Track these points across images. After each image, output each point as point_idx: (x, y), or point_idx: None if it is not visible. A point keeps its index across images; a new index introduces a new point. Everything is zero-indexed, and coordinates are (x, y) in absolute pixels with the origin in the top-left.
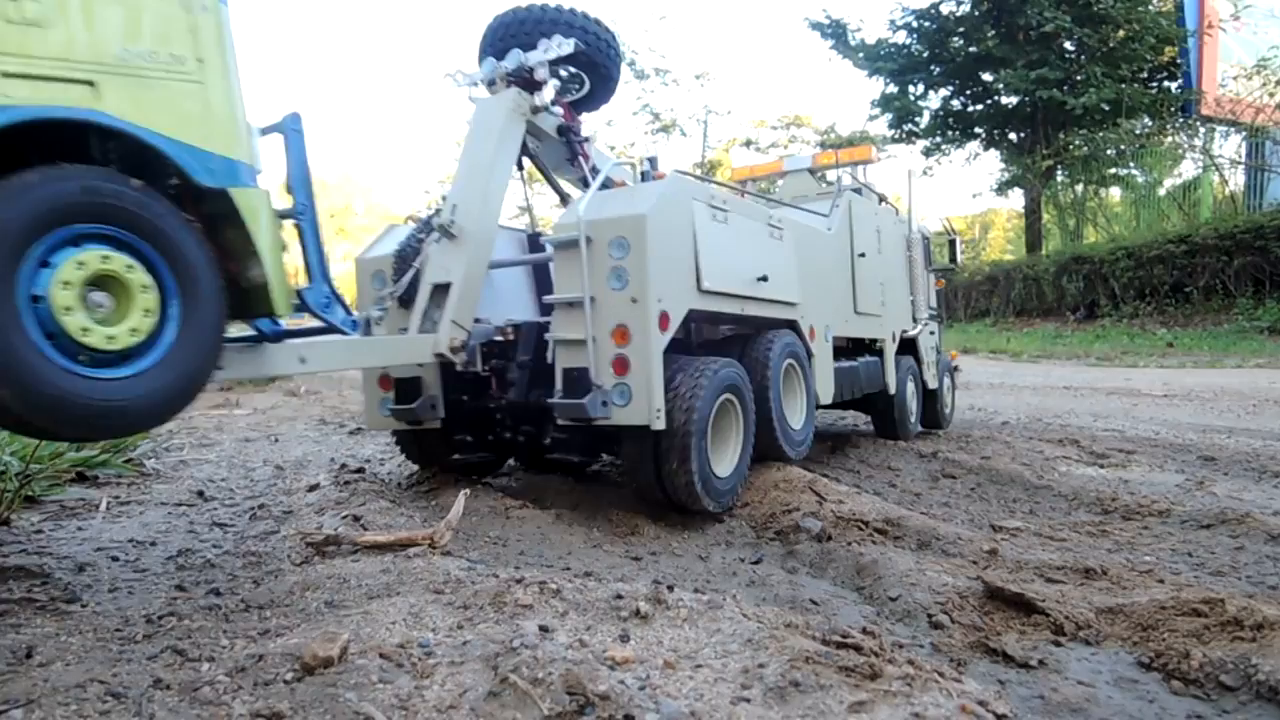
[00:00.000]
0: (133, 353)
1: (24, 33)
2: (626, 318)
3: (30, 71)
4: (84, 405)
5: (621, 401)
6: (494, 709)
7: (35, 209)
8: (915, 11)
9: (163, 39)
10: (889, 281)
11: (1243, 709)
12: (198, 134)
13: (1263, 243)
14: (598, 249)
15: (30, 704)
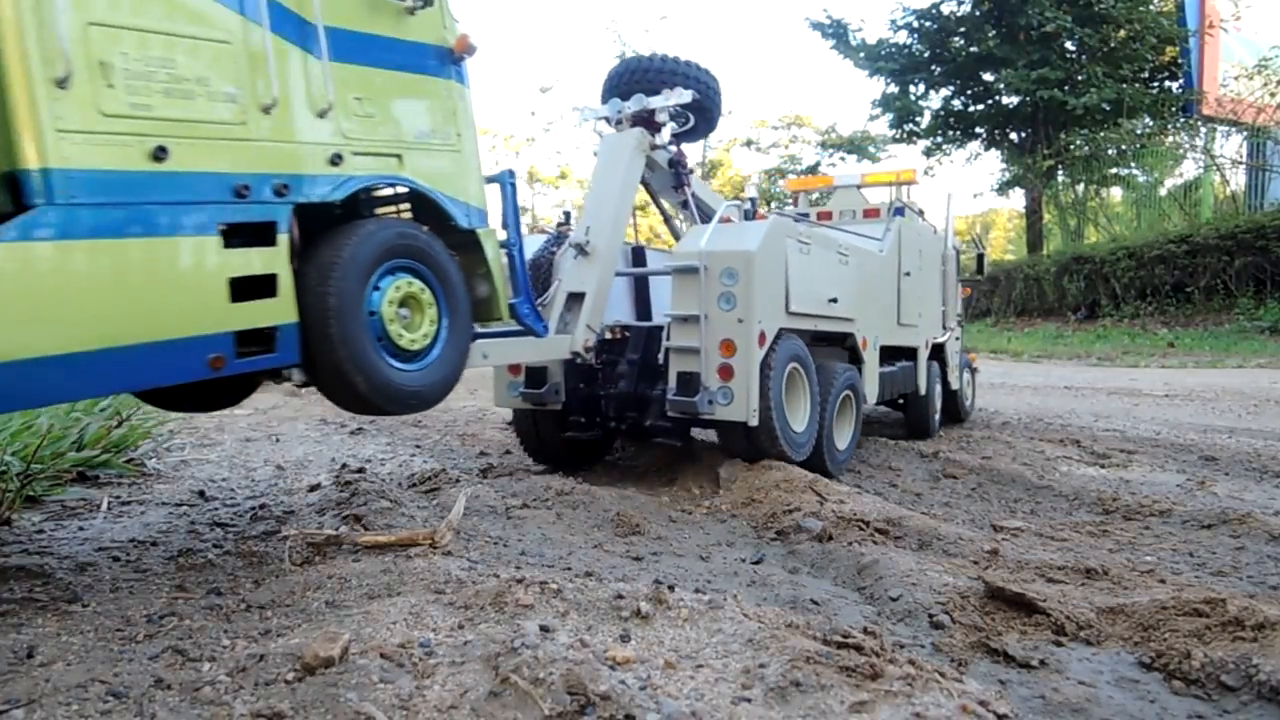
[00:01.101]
0: (423, 351)
1: (366, 125)
2: (733, 334)
3: (368, 150)
4: (400, 389)
5: (725, 401)
6: (495, 709)
7: (375, 249)
8: (916, 11)
9: (439, 122)
10: (925, 295)
11: (1244, 709)
12: (458, 189)
13: (1264, 243)
14: (712, 275)
15: (31, 704)
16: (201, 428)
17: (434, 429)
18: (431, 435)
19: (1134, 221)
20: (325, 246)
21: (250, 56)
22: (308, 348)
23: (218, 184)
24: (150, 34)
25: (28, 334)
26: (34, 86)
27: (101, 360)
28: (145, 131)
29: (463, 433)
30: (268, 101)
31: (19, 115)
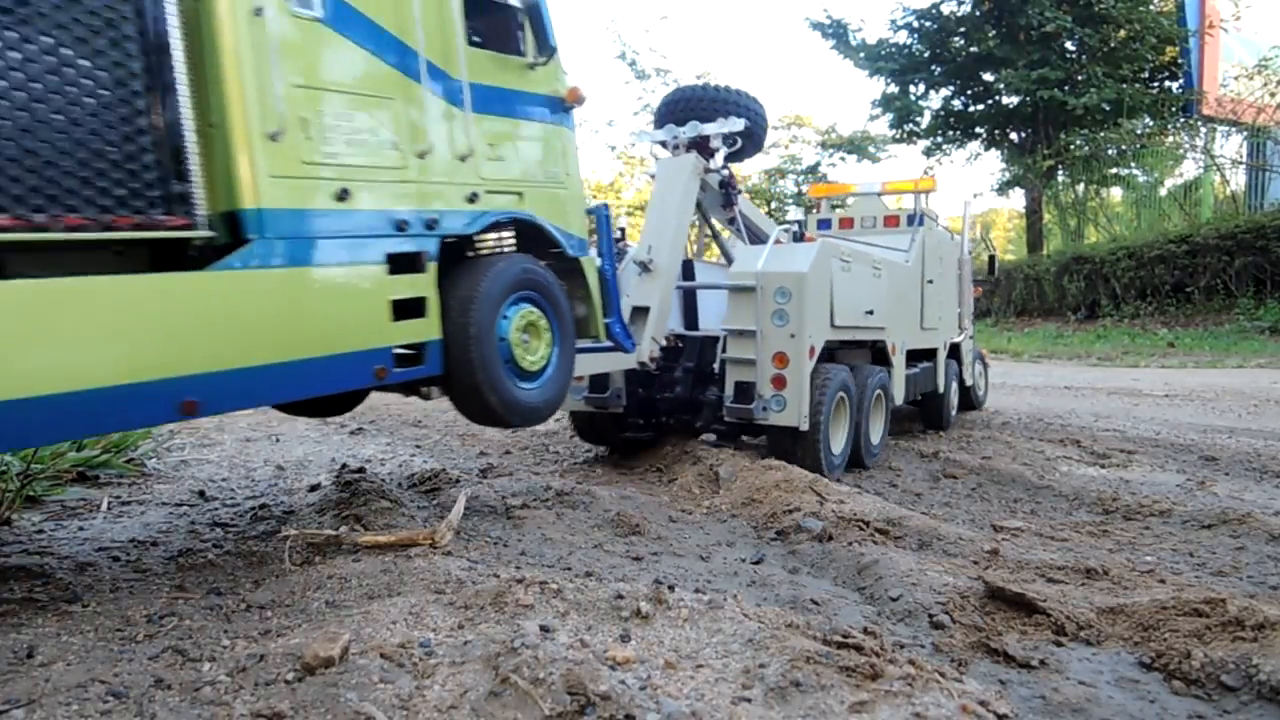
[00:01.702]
0: (540, 371)
1: (496, 167)
2: (785, 347)
3: (498, 189)
4: (523, 405)
5: (778, 408)
6: (495, 709)
7: (506, 283)
8: (916, 11)
9: (552, 162)
10: (945, 299)
11: (1244, 709)
12: (566, 222)
13: (1264, 243)
14: (766, 294)
15: (32, 704)
16: (201, 428)
17: (434, 429)
18: (431, 435)
19: (1134, 221)
20: (464, 281)
21: (410, 111)
22: (448, 366)
23: (384, 220)
24: (336, 93)
25: (249, 347)
26: (253, 140)
27: (300, 368)
28: (332, 176)
29: (463, 433)
30: (423, 148)
31: (240, 164)
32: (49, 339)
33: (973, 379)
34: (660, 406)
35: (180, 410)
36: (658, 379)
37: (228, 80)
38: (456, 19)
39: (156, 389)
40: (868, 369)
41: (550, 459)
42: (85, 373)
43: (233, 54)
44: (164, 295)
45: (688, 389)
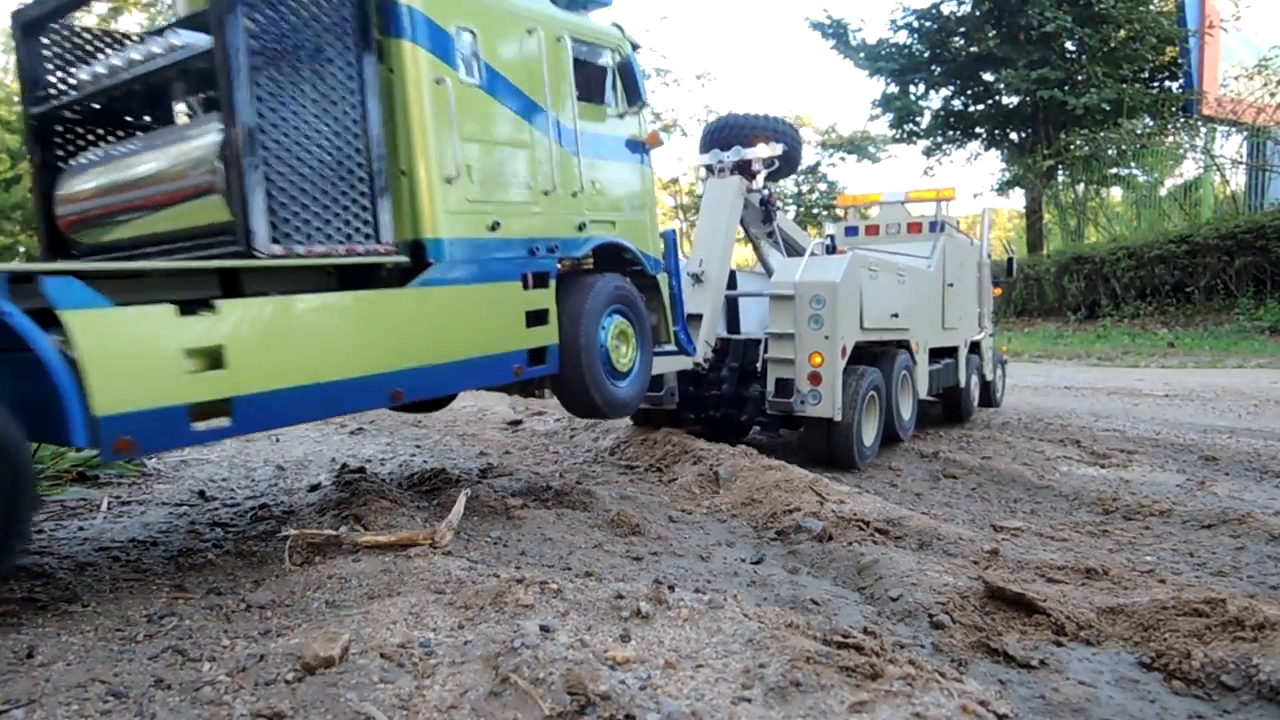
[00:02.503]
0: (628, 372)
1: (597, 200)
2: (821, 348)
3: (598, 219)
4: (618, 400)
5: (814, 402)
6: (495, 709)
7: (605, 299)
8: (916, 11)
9: (636, 195)
10: (965, 300)
11: (1244, 709)
12: (646, 245)
13: (1264, 243)
14: (803, 301)
15: (32, 703)
16: None
17: (434, 429)
18: (431, 435)
19: (1134, 221)
20: (574, 296)
21: (539, 156)
22: (562, 367)
23: (522, 246)
24: (490, 144)
25: (423, 350)
26: (434, 184)
27: (460, 367)
28: (488, 211)
29: (463, 433)
30: (548, 188)
31: (423, 203)
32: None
33: (992, 375)
34: (708, 403)
35: (389, 398)
36: (706, 378)
37: (415, 135)
38: (570, 79)
39: (376, 381)
40: (894, 353)
41: (550, 459)
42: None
43: (419, 115)
44: (381, 307)
45: (733, 386)
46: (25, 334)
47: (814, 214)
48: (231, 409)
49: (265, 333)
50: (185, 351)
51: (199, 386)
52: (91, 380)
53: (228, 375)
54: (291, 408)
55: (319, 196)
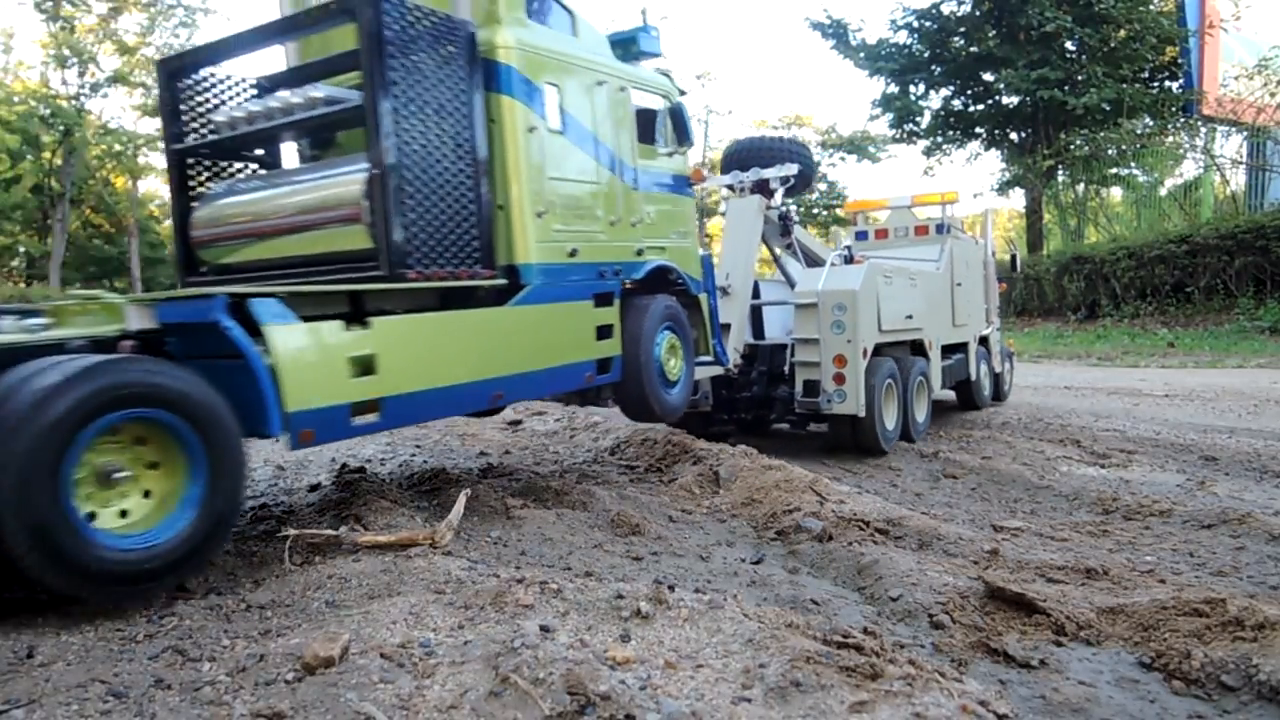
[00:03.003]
0: (677, 380)
1: (652, 230)
2: (844, 350)
3: (652, 245)
4: (669, 405)
5: (840, 400)
6: (495, 709)
7: (659, 318)
8: (916, 11)
9: (682, 224)
10: (972, 298)
11: (1244, 709)
12: (690, 268)
13: (1264, 243)
14: (826, 308)
15: (32, 703)
16: None
17: (434, 429)
18: (431, 435)
19: (1134, 221)
20: (634, 314)
21: (607, 191)
22: (624, 375)
23: (592, 270)
24: (570, 182)
25: (520, 359)
26: (527, 218)
27: (546, 374)
28: (568, 240)
29: (463, 433)
30: (614, 219)
31: (518, 233)
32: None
33: (1001, 368)
34: (739, 404)
35: (492, 400)
36: (736, 381)
37: (512, 176)
38: (632, 123)
39: (485, 385)
40: (910, 360)
41: (550, 459)
42: (447, 370)
43: (515, 158)
44: (489, 323)
45: (763, 388)
46: (240, 345)
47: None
48: (381, 407)
49: (405, 344)
50: (348, 359)
51: (358, 388)
52: (285, 382)
53: (378, 380)
54: (424, 407)
55: (439, 228)
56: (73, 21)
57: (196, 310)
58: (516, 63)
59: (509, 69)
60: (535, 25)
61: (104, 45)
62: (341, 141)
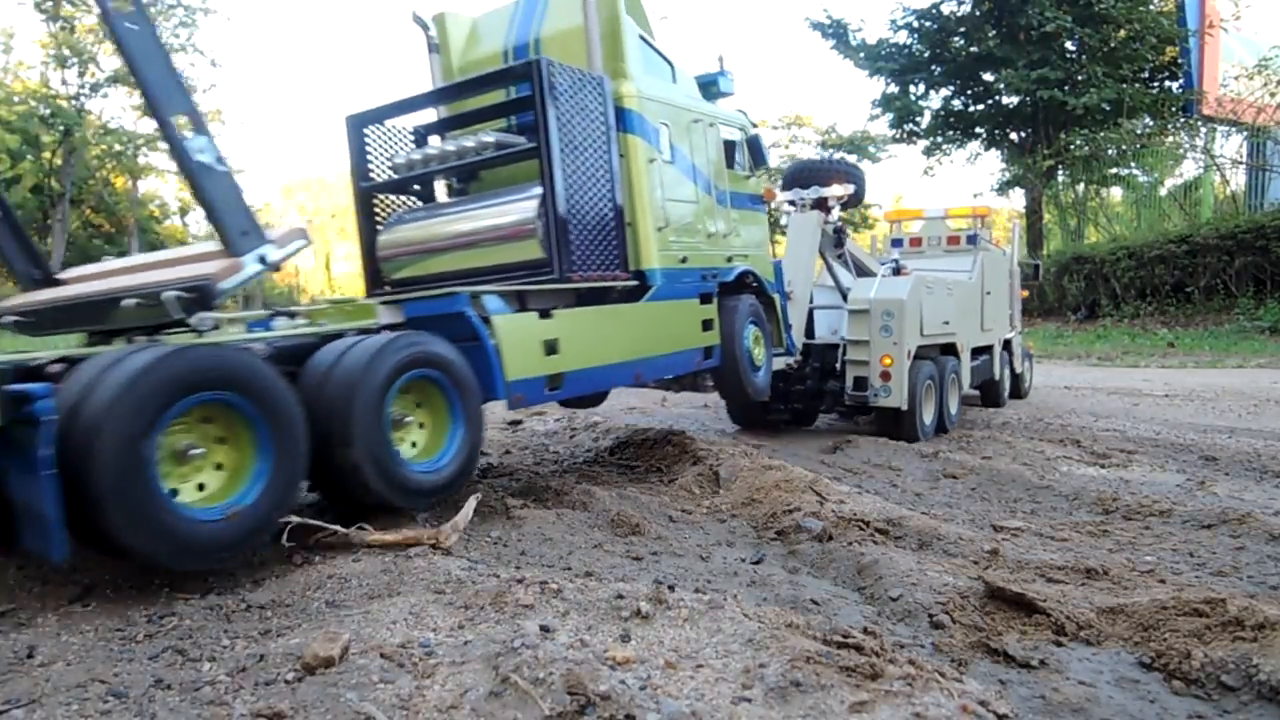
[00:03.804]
0: (760, 367)
1: (738, 240)
2: (890, 351)
3: (738, 254)
4: (758, 386)
5: (886, 395)
6: (495, 709)
7: (746, 312)
8: (916, 11)
9: (758, 234)
10: (999, 305)
11: (1244, 709)
12: (766, 272)
13: (1264, 243)
14: (875, 314)
15: (32, 703)
16: None
17: None
18: None
19: (1134, 221)
20: (728, 311)
21: (704, 209)
22: (722, 362)
23: (698, 274)
24: (679, 203)
25: (652, 345)
26: (651, 231)
27: (670, 358)
28: (679, 249)
29: None
30: (711, 231)
31: (644, 244)
32: (595, 337)
33: (1022, 368)
34: (794, 396)
35: (635, 379)
36: (791, 375)
37: (638, 199)
38: (720, 152)
39: (630, 365)
40: (945, 360)
41: (550, 459)
42: (604, 352)
43: (640, 184)
44: (632, 315)
45: (816, 382)
46: (478, 329)
47: None
48: (562, 381)
49: (578, 331)
50: (542, 342)
51: (548, 364)
52: (506, 357)
53: (561, 358)
54: (589, 381)
55: (591, 240)
56: (73, 21)
57: (447, 304)
58: (639, 108)
59: (634, 113)
60: (649, 77)
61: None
62: (484, 177)
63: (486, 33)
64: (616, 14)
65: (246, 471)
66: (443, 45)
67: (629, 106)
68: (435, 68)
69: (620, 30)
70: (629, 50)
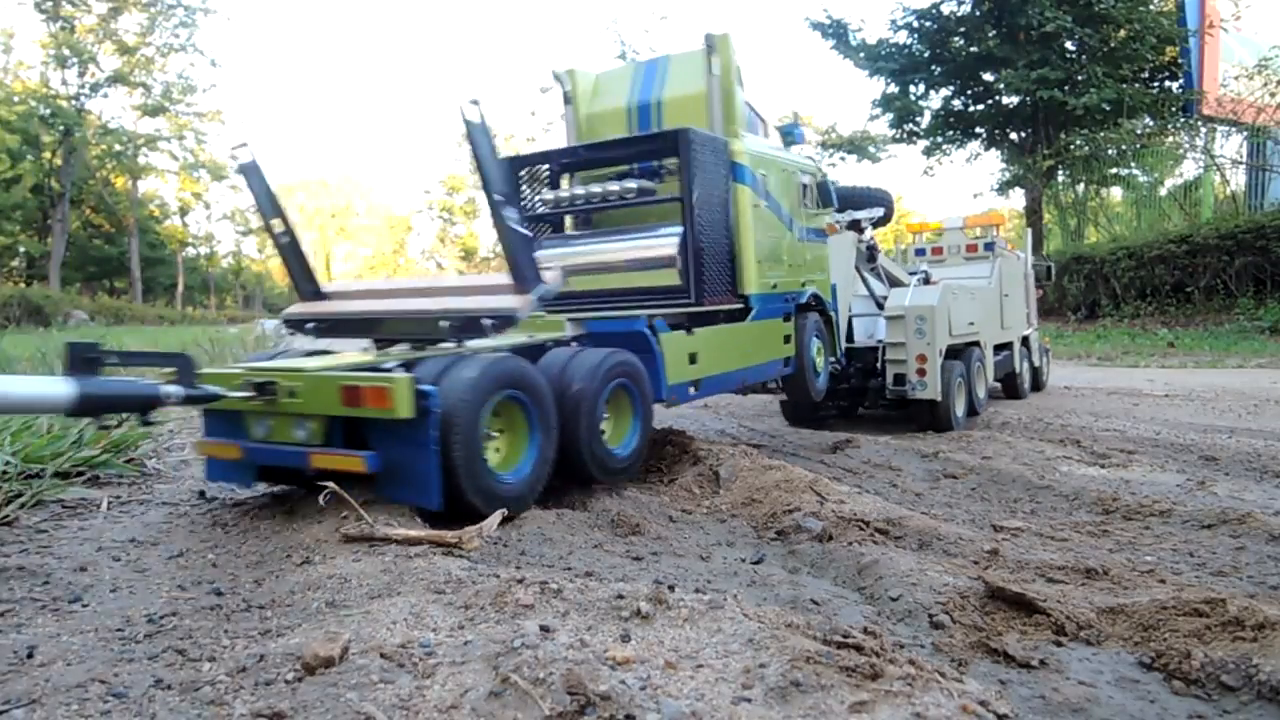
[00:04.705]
0: (820, 373)
1: (807, 268)
2: (925, 351)
3: (808, 279)
4: (819, 390)
5: (922, 389)
6: (495, 709)
7: (813, 328)
8: (916, 11)
9: (820, 263)
10: (1016, 305)
11: (1244, 709)
12: (827, 294)
13: (1264, 243)
14: (910, 319)
15: (32, 704)
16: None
17: None
18: None
19: (1134, 221)
20: (800, 327)
21: (785, 242)
22: (796, 369)
23: (782, 297)
24: (771, 239)
25: (754, 356)
26: (753, 263)
27: (757, 369)
28: (770, 277)
29: None
30: (791, 263)
31: (748, 273)
32: (719, 350)
33: (1039, 362)
34: (839, 393)
35: (740, 384)
36: (836, 376)
37: (744, 237)
38: (798, 194)
39: (739, 373)
40: (972, 356)
41: None
42: (724, 363)
43: (746, 225)
44: (742, 332)
45: (859, 380)
46: (652, 345)
47: None
48: (700, 385)
49: (709, 345)
50: (687, 353)
51: (691, 371)
52: (667, 366)
53: (698, 367)
54: (715, 385)
55: (715, 270)
56: (73, 21)
57: (629, 324)
58: (747, 162)
59: (743, 167)
60: (751, 135)
61: (104, 45)
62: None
63: (608, 89)
64: (730, 85)
65: (521, 449)
66: (574, 97)
67: (739, 161)
68: (569, 117)
69: (733, 99)
70: (738, 115)
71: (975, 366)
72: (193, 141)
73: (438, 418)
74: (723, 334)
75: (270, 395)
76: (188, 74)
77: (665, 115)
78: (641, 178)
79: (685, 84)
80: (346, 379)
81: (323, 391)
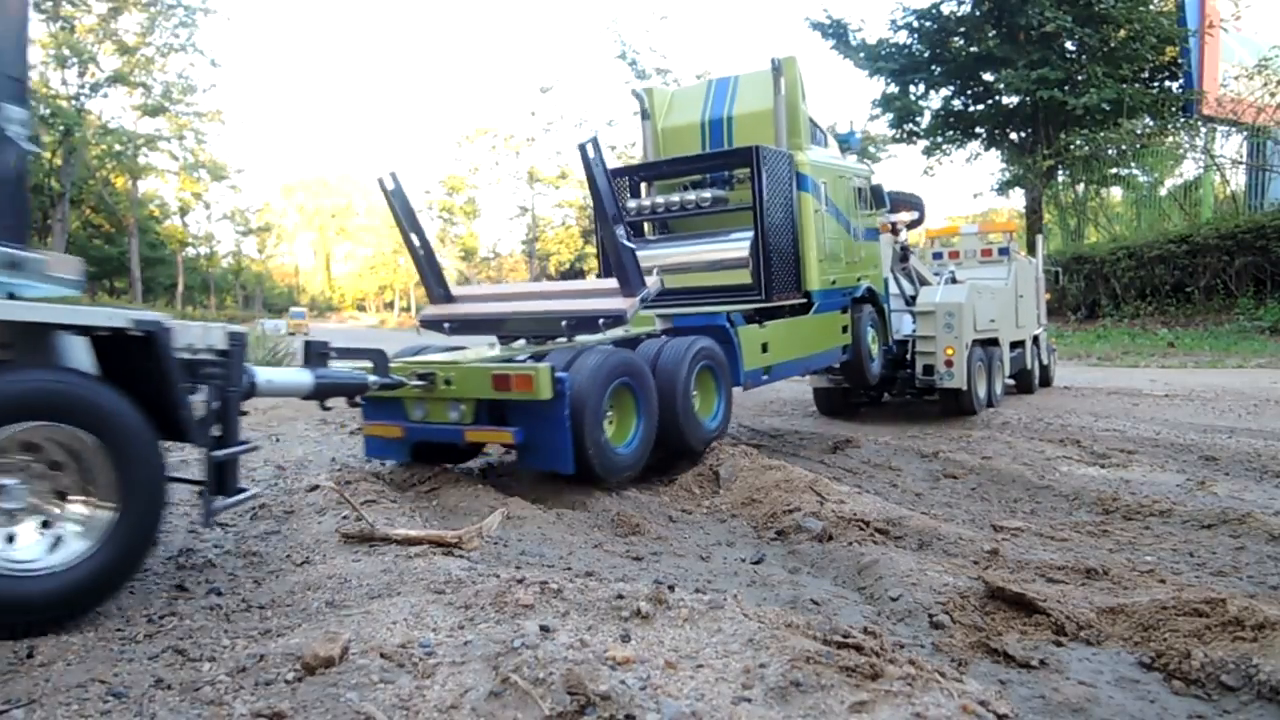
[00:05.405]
0: (875, 359)
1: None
2: (952, 344)
3: (861, 275)
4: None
5: (949, 379)
6: (495, 709)
7: (868, 319)
8: (916, 11)
9: (875, 259)
10: (1029, 306)
11: (1244, 709)
12: (879, 287)
13: (1264, 243)
14: (939, 315)
15: (32, 703)
16: None
17: None
18: None
19: (1134, 221)
20: (856, 318)
21: (844, 241)
22: (853, 356)
23: (840, 292)
24: (831, 240)
25: (816, 345)
26: (815, 262)
27: (819, 356)
28: (830, 274)
29: None
30: (848, 260)
31: (811, 271)
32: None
33: (1048, 360)
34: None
35: (804, 370)
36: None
37: (807, 239)
38: (854, 198)
39: (804, 361)
40: (991, 351)
41: None
42: (791, 351)
43: (809, 229)
44: (806, 324)
45: (890, 370)
46: (731, 336)
47: None
48: (771, 371)
49: (778, 335)
50: (760, 343)
51: (763, 359)
52: (744, 354)
53: (769, 355)
54: (784, 371)
55: (783, 269)
56: (73, 21)
57: (711, 319)
58: (810, 172)
59: (807, 177)
60: (814, 147)
61: (104, 45)
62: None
63: (681, 105)
64: (796, 103)
65: (631, 425)
66: (651, 113)
67: (803, 171)
68: (647, 132)
69: (799, 114)
70: (803, 129)
71: (995, 360)
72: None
73: (569, 399)
74: (789, 326)
75: (430, 384)
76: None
77: (736, 130)
78: (713, 187)
79: (754, 101)
80: (497, 368)
81: (475, 379)
